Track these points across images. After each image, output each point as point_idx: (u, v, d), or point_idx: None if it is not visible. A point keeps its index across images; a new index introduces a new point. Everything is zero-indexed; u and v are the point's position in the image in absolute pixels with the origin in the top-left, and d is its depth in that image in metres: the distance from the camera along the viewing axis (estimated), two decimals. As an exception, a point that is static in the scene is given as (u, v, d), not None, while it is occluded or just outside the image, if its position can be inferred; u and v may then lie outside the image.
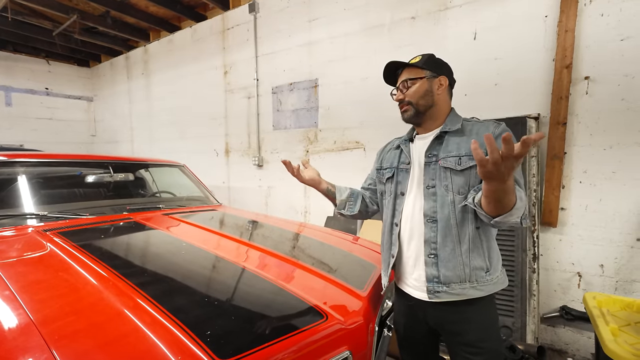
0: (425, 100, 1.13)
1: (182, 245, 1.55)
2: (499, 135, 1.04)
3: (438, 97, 1.14)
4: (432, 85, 1.14)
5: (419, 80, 1.13)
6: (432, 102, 1.14)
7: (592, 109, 2.09)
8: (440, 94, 1.15)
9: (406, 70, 1.17)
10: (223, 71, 4.16)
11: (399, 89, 1.18)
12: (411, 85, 1.14)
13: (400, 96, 1.17)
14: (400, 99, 1.17)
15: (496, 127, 1.07)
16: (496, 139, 1.03)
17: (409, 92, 1.14)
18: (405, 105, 1.16)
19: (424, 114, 1.15)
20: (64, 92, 6.13)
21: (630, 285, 2.05)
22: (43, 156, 2.21)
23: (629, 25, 1.96)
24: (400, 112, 1.19)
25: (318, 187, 1.31)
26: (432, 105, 1.14)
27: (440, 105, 1.15)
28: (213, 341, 0.83)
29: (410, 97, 1.14)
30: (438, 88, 1.14)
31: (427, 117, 1.16)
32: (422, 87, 1.13)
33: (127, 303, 0.97)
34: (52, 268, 1.21)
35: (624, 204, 2.03)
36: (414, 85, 1.14)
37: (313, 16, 3.30)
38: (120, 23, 4.68)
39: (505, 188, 0.85)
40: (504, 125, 1.07)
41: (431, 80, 1.14)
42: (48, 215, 1.77)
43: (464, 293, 1.06)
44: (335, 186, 1.34)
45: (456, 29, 2.52)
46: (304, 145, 3.48)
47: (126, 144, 5.79)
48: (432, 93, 1.13)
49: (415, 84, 1.14)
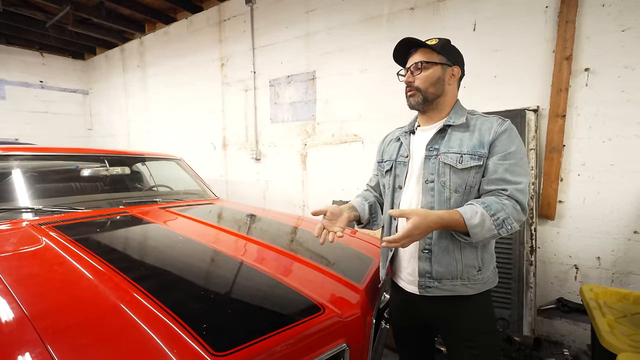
0: (435, 88, 1.07)
1: (179, 239, 1.54)
2: (501, 132, 1.01)
3: (448, 87, 1.09)
4: (445, 73, 1.07)
5: (433, 66, 1.06)
6: (442, 92, 1.08)
7: (592, 101, 2.08)
8: (451, 84, 1.10)
9: (421, 51, 1.08)
10: (220, 63, 4.11)
11: (409, 70, 1.09)
12: (424, 68, 1.06)
13: (410, 78, 1.09)
14: (409, 82, 1.09)
15: (500, 125, 1.03)
16: (499, 137, 1.01)
17: (421, 76, 1.07)
18: (412, 90, 1.09)
19: (431, 102, 1.09)
20: (58, 85, 6.06)
21: (627, 277, 2.06)
22: (38, 150, 2.19)
23: (630, 16, 1.94)
24: (406, 96, 1.12)
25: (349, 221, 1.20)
26: (441, 95, 1.08)
27: (448, 96, 1.10)
28: (209, 335, 0.83)
29: (421, 82, 1.07)
30: (450, 78, 1.09)
31: (434, 107, 1.10)
32: (435, 73, 1.06)
33: (123, 297, 0.96)
34: (47, 262, 1.20)
35: (622, 196, 2.03)
36: (427, 70, 1.06)
37: (310, 7, 3.25)
38: (115, 14, 4.60)
39: (445, 227, 0.96)
40: (508, 122, 1.04)
41: (445, 68, 1.07)
42: (43, 209, 1.76)
43: (454, 290, 1.06)
44: (354, 207, 1.22)
45: (455, 20, 2.48)
46: (302, 138, 3.46)
47: (123, 137, 5.75)
48: (443, 82, 1.07)
49: (429, 68, 1.06)
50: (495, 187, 0.99)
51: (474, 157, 1.01)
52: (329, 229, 1.09)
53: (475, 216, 0.94)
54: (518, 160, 1.00)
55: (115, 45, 5.59)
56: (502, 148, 1.00)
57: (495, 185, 1.00)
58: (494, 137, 1.01)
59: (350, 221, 1.17)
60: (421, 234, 0.93)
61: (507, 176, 0.98)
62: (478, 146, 1.02)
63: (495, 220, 0.94)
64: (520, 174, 1.00)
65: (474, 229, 0.93)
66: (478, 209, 0.95)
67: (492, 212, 0.94)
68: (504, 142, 1.01)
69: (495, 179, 0.99)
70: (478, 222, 0.93)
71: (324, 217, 1.12)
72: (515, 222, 0.96)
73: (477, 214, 0.94)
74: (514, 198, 0.97)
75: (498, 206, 0.95)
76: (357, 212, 1.21)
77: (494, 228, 0.94)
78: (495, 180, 0.99)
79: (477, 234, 0.94)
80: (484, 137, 1.02)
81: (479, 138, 1.03)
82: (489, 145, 1.01)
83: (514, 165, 0.99)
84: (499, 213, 0.94)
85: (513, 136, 1.02)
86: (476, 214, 0.94)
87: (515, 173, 0.99)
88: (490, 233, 0.95)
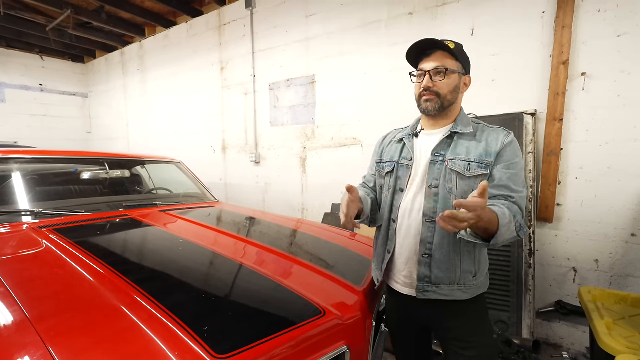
0: (452, 96, 1.07)
1: (179, 241, 1.54)
2: (508, 144, 1.04)
3: (460, 96, 1.10)
4: (460, 82, 1.08)
5: (454, 74, 1.05)
6: (456, 100, 1.09)
7: (589, 105, 2.10)
8: (463, 93, 1.11)
9: (441, 55, 1.05)
10: (220, 67, 4.13)
11: (427, 74, 1.06)
12: (447, 76, 1.04)
13: (429, 83, 1.05)
14: (428, 87, 1.06)
15: (506, 137, 1.06)
16: (505, 148, 1.04)
17: (443, 83, 1.05)
18: (432, 95, 1.06)
19: (445, 109, 1.08)
20: (58, 88, 6.06)
21: (625, 280, 2.07)
22: (38, 153, 2.19)
23: (625, 21, 1.97)
24: (419, 99, 1.09)
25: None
26: (454, 102, 1.09)
27: (458, 104, 1.11)
28: (210, 337, 0.83)
29: (442, 88, 1.05)
30: (463, 87, 1.10)
31: (445, 114, 1.10)
32: (455, 81, 1.06)
33: (124, 300, 0.97)
34: (47, 265, 1.20)
35: (619, 199, 2.05)
36: (450, 78, 1.05)
37: (310, 12, 3.28)
38: (115, 18, 4.62)
39: (486, 221, 0.88)
40: (512, 135, 1.07)
41: (461, 76, 1.08)
42: (43, 212, 1.76)
43: (451, 294, 1.07)
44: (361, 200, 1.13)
45: (454, 25, 2.51)
46: (302, 141, 3.47)
47: (122, 140, 5.75)
48: (459, 90, 1.08)
49: (451, 76, 1.05)
50: (501, 192, 1.02)
51: (481, 166, 1.03)
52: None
53: (505, 216, 0.92)
54: (519, 171, 1.04)
55: (115, 49, 5.60)
56: (507, 158, 1.04)
57: (501, 191, 1.02)
58: (501, 148, 1.04)
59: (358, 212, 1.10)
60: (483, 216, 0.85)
61: (511, 184, 1.02)
62: (485, 155, 1.04)
63: (516, 222, 0.96)
64: (521, 184, 1.04)
65: (502, 229, 0.91)
66: (504, 210, 0.93)
67: (514, 214, 0.96)
68: (509, 153, 1.04)
69: (501, 186, 1.02)
70: (507, 222, 0.92)
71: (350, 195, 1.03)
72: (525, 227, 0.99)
73: (506, 215, 0.92)
74: (518, 204, 1.00)
75: (515, 210, 0.98)
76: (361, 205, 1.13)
77: (514, 230, 0.95)
78: (501, 186, 1.02)
79: (503, 234, 0.92)
80: (490, 147, 1.05)
81: (486, 148, 1.05)
82: (496, 155, 1.04)
83: (515, 175, 1.03)
84: (517, 216, 0.97)
85: (516, 148, 1.06)
86: (504, 214, 0.92)
87: (517, 182, 1.03)
88: (511, 235, 0.95)
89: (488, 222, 0.88)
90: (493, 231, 0.91)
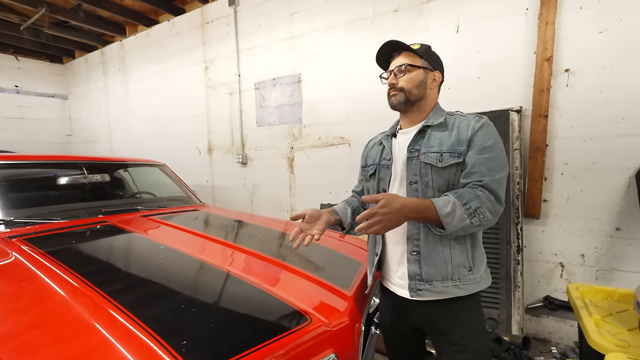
0: (418, 90, 1.10)
1: (160, 248, 1.48)
2: (479, 128, 1.02)
3: (430, 91, 1.12)
4: (427, 77, 1.11)
5: (416, 69, 1.09)
6: (424, 95, 1.11)
7: (573, 101, 2.11)
8: (433, 89, 1.13)
9: (404, 55, 1.12)
10: (204, 66, 4.04)
11: (392, 73, 1.12)
12: (407, 71, 1.09)
13: (393, 80, 1.11)
14: (392, 84, 1.11)
15: (477, 122, 1.04)
16: (476, 133, 1.02)
17: (405, 78, 1.09)
18: (396, 91, 1.11)
19: (413, 104, 1.11)
20: (35, 89, 5.84)
21: (610, 273, 2.10)
22: (13, 158, 2.09)
23: (606, 18, 1.99)
24: (388, 97, 1.14)
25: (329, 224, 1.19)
26: (423, 97, 1.11)
27: (429, 99, 1.13)
28: (189, 351, 0.78)
29: (405, 83, 1.09)
30: (432, 82, 1.12)
31: (415, 109, 1.12)
32: (419, 76, 1.09)
33: (97, 314, 0.91)
34: (15, 278, 1.13)
35: (604, 194, 2.07)
36: (411, 73, 1.09)
37: (294, 9, 3.23)
38: (93, 17, 4.47)
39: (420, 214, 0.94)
40: (485, 119, 1.05)
41: (427, 72, 1.11)
42: (15, 220, 1.67)
43: (446, 291, 1.04)
44: (335, 211, 1.23)
45: (439, 22, 2.50)
46: (289, 141, 3.42)
47: (104, 143, 5.58)
48: (425, 85, 1.11)
49: (412, 71, 1.09)
50: (472, 179, 0.99)
51: (453, 155, 1.02)
52: (306, 232, 1.11)
53: (447, 205, 0.94)
54: (494, 155, 1.01)
55: (95, 49, 5.43)
56: (478, 143, 1.01)
57: (471, 178, 1.00)
58: (471, 134, 1.02)
59: (330, 224, 1.17)
60: (393, 216, 0.91)
61: (483, 169, 0.99)
62: (457, 144, 1.03)
63: (467, 209, 0.94)
64: (496, 167, 1.00)
65: (445, 218, 0.93)
66: (450, 198, 0.96)
67: (464, 201, 0.94)
68: (481, 137, 1.02)
69: (472, 172, 1.00)
70: (449, 211, 0.93)
71: (302, 220, 1.13)
72: (489, 213, 0.95)
73: (449, 202, 0.94)
74: (488, 188, 0.97)
75: (470, 196, 0.95)
76: (338, 216, 1.21)
77: (466, 217, 0.94)
78: (472, 173, 1.00)
79: (450, 224, 0.94)
80: (462, 134, 1.03)
81: (457, 136, 1.04)
82: (468, 142, 1.02)
83: (490, 159, 1.00)
84: (471, 202, 0.94)
85: (489, 131, 1.03)
86: (448, 202, 0.94)
87: (491, 166, 0.99)
88: (462, 223, 0.94)
89: (422, 215, 0.94)
90: (437, 220, 0.94)
